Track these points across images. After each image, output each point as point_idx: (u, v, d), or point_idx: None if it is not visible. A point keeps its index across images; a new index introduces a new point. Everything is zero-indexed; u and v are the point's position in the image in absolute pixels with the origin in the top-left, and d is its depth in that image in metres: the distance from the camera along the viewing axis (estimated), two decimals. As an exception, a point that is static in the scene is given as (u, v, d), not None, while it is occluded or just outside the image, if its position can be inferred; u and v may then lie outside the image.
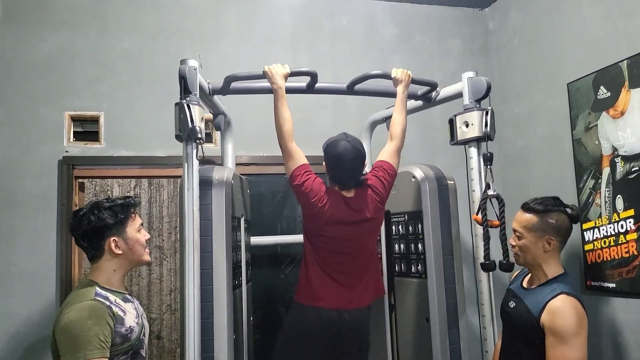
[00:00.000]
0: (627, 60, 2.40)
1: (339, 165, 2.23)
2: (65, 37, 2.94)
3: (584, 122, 2.65)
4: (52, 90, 2.89)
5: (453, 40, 3.51)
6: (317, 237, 2.23)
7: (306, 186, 2.16)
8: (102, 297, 1.66)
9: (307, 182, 2.17)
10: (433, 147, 3.31)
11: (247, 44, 3.19)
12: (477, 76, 2.34)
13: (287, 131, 2.18)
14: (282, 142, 2.19)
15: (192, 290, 1.92)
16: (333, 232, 2.19)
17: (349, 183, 2.24)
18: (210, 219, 2.16)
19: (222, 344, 2.10)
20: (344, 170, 2.23)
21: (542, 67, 3.00)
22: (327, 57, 3.31)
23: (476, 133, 2.26)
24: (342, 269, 2.23)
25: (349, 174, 2.24)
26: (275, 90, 2.21)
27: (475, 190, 2.29)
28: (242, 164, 3.05)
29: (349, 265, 2.24)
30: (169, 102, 2.11)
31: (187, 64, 2.01)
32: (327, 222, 2.18)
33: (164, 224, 5.16)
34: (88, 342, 1.54)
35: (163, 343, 5.08)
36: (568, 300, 1.81)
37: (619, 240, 2.42)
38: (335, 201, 2.19)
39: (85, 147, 2.91)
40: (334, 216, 2.17)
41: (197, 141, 1.96)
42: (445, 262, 2.46)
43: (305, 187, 2.16)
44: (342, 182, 2.24)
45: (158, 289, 5.11)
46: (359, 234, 2.23)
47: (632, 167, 2.37)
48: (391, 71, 2.39)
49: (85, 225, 1.71)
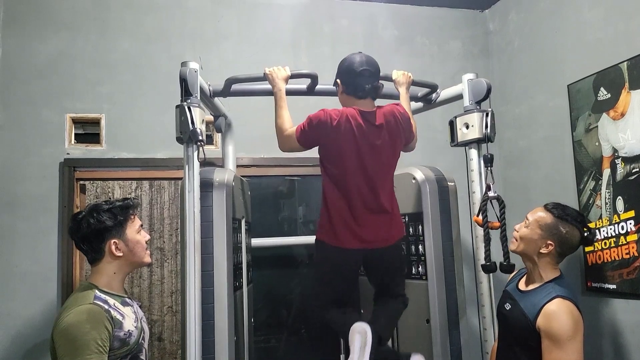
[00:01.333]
0: (627, 61, 2.41)
1: (353, 68, 2.10)
2: (66, 39, 2.95)
3: (584, 123, 2.65)
4: (54, 92, 2.89)
5: (453, 42, 3.52)
6: (335, 166, 2.08)
7: (311, 118, 2.07)
8: (101, 301, 1.66)
9: (311, 115, 2.07)
10: (433, 148, 3.31)
11: (248, 46, 3.20)
12: (477, 78, 2.35)
13: (287, 134, 2.16)
14: (282, 139, 2.15)
15: (193, 291, 1.92)
16: (351, 154, 2.05)
17: (364, 87, 2.08)
18: (211, 220, 2.16)
19: (223, 346, 2.10)
20: (359, 72, 2.08)
21: (542, 68, 3.00)
22: (327, 59, 3.31)
23: (476, 134, 2.27)
24: (361, 200, 2.07)
25: (364, 76, 2.08)
26: (276, 93, 2.21)
27: (475, 192, 2.29)
28: (243, 166, 3.05)
29: (370, 197, 2.08)
30: (169, 105, 2.12)
31: (187, 66, 2.02)
32: (344, 142, 2.03)
33: (165, 225, 5.16)
34: (86, 346, 1.54)
35: (164, 345, 5.08)
36: (564, 303, 1.81)
37: (619, 242, 2.42)
38: (351, 115, 2.05)
39: (86, 149, 2.91)
40: (349, 131, 2.02)
41: (198, 143, 1.96)
42: (445, 263, 2.46)
43: (310, 119, 2.06)
44: (358, 86, 2.09)
45: (159, 291, 5.11)
46: (379, 152, 2.09)
47: (632, 169, 2.37)
48: (392, 73, 2.39)
49: (84, 228, 1.71)
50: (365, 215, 2.08)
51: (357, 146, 2.05)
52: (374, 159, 2.08)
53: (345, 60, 2.17)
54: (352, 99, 2.12)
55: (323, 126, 2.04)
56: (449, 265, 2.47)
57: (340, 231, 2.07)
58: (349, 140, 2.04)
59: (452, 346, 2.40)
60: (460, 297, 2.47)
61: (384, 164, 2.13)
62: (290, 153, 2.25)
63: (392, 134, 2.13)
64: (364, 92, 2.10)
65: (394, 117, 2.14)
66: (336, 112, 2.06)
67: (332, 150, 2.08)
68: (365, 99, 2.12)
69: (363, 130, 2.05)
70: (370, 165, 2.08)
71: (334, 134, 2.04)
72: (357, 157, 2.06)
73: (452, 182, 2.59)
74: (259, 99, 2.71)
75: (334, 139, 2.05)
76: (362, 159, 2.06)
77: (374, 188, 2.09)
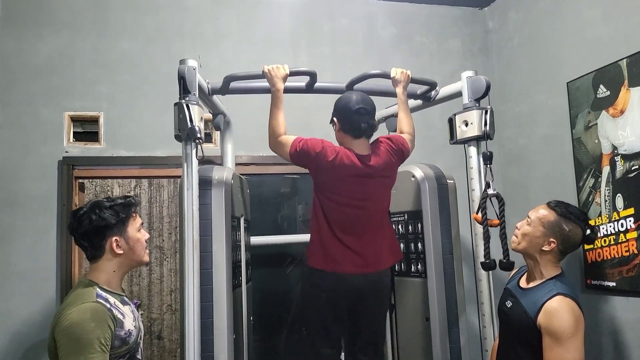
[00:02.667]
0: (626, 59, 2.40)
1: (350, 106, 2.16)
2: (65, 38, 2.95)
3: (583, 121, 2.65)
4: (52, 91, 2.89)
5: (453, 40, 3.51)
6: (328, 197, 2.16)
7: (309, 145, 2.12)
8: (103, 299, 1.65)
9: (310, 142, 2.13)
10: (433, 146, 3.31)
11: (247, 45, 3.19)
12: (477, 75, 2.34)
13: (279, 135, 2.18)
14: (274, 144, 2.19)
15: (192, 289, 1.92)
16: (344, 188, 2.13)
17: (360, 128, 2.15)
18: (210, 218, 2.16)
19: (222, 344, 2.10)
20: (355, 111, 2.14)
21: (541, 66, 3.00)
22: (327, 58, 3.31)
23: (475, 132, 2.27)
24: (355, 231, 2.16)
25: (359, 117, 2.14)
26: (274, 92, 2.21)
27: (475, 190, 2.29)
28: (242, 164, 3.05)
29: (362, 226, 2.18)
30: (168, 103, 2.11)
31: (186, 64, 2.01)
32: (338, 178, 2.12)
33: (164, 224, 5.16)
34: (90, 345, 1.53)
35: (164, 343, 5.08)
36: (564, 301, 1.81)
37: (619, 239, 2.42)
38: (346, 155, 2.13)
39: (85, 147, 2.91)
40: (345, 169, 2.11)
41: (197, 141, 1.96)
42: (445, 261, 2.46)
43: (308, 146, 2.12)
44: (354, 127, 2.15)
45: (158, 289, 5.11)
46: (372, 190, 2.17)
47: (632, 166, 2.37)
48: (390, 71, 2.39)
49: (86, 225, 1.70)
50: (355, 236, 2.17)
51: (349, 186, 2.14)
52: (367, 198, 2.18)
53: (341, 99, 2.24)
54: (349, 138, 2.20)
55: (317, 159, 2.12)
56: (448, 263, 2.46)
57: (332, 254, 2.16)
58: (342, 180, 2.13)
59: (452, 344, 2.40)
60: (459, 295, 2.47)
61: (378, 205, 2.23)
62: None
63: (385, 175, 2.22)
64: (360, 131, 2.17)
65: (388, 156, 2.22)
66: (332, 150, 2.13)
67: (325, 182, 2.17)
68: (360, 137, 2.19)
69: (357, 174, 2.13)
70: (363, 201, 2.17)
71: (329, 171, 2.13)
72: (350, 195, 2.15)
73: (452, 180, 2.59)
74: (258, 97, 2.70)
75: (327, 175, 2.14)
76: (354, 197, 2.16)
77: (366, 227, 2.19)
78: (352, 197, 2.15)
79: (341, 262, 2.15)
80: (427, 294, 2.45)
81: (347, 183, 2.13)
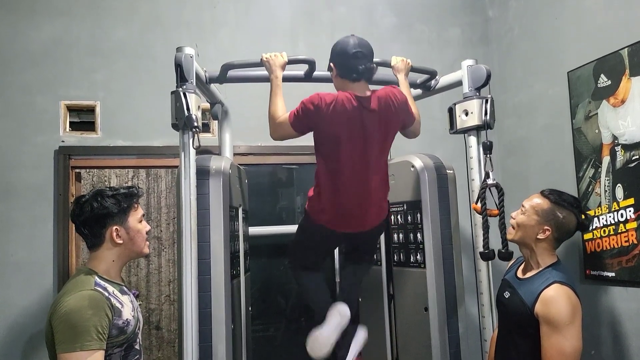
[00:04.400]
0: (627, 48, 2.38)
1: (347, 50, 2.07)
2: (60, 26, 2.91)
3: (584, 110, 2.63)
4: (48, 79, 2.86)
5: (452, 29, 3.48)
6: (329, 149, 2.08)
7: (305, 102, 2.04)
8: (101, 288, 1.64)
9: (304, 100, 2.05)
10: (432, 136, 3.29)
11: (245, 34, 3.16)
12: (477, 64, 2.32)
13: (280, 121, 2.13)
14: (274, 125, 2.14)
15: (189, 279, 1.91)
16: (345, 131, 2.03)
17: (358, 71, 2.06)
18: (208, 208, 2.15)
19: (220, 334, 2.10)
20: (352, 54, 2.06)
21: (542, 55, 2.98)
22: (326, 47, 3.20)
23: (476, 121, 2.26)
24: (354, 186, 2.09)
25: (357, 58, 2.06)
26: (273, 80, 2.19)
27: (474, 179, 2.28)
28: (240, 154, 3.03)
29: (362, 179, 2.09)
30: (165, 92, 2.09)
31: (183, 52, 1.99)
32: (339, 122, 2.02)
33: (162, 214, 5.15)
34: (86, 332, 1.52)
35: (162, 333, 5.08)
36: (561, 289, 1.82)
37: (618, 229, 2.41)
38: (346, 97, 2.03)
39: (81, 137, 2.89)
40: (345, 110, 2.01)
41: (194, 130, 1.94)
42: (444, 251, 2.45)
43: (304, 104, 2.04)
44: (352, 68, 2.06)
45: (157, 280, 5.11)
46: (373, 130, 2.07)
47: (632, 156, 2.35)
48: (391, 59, 2.37)
49: (87, 212, 1.69)
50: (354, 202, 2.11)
51: (351, 130, 2.04)
52: (368, 142, 2.08)
53: (338, 43, 2.14)
54: (346, 82, 2.10)
55: (317, 110, 2.02)
56: (447, 254, 2.46)
57: (327, 213, 2.13)
58: (344, 124, 2.03)
59: (451, 334, 2.40)
60: (458, 285, 2.47)
61: (378, 147, 2.12)
62: (288, 141, 2.23)
63: (387, 119, 2.11)
64: (358, 73, 2.07)
65: (389, 100, 2.11)
66: (330, 96, 2.03)
67: (327, 133, 2.07)
68: (359, 81, 2.09)
69: (358, 115, 2.03)
70: (364, 149, 2.07)
71: (329, 118, 2.02)
72: (351, 141, 2.05)
73: (451, 170, 2.57)
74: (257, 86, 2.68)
75: (328, 123, 2.03)
76: (356, 143, 2.06)
77: (366, 172, 2.10)
78: (351, 142, 2.05)
79: (335, 223, 2.14)
80: (426, 284, 2.44)
81: (348, 125, 2.03)
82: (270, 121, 2.15)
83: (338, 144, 2.05)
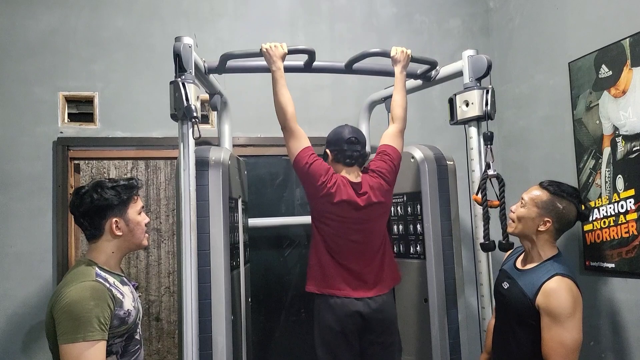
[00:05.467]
0: (629, 38, 2.36)
1: (341, 138, 2.25)
2: (58, 16, 2.89)
3: (584, 101, 2.62)
4: (46, 70, 2.84)
5: (453, 20, 3.46)
6: (325, 223, 2.19)
7: (313, 168, 2.13)
8: (102, 279, 1.64)
9: (314, 164, 2.14)
10: (432, 127, 3.29)
11: (244, 24, 3.14)
12: (478, 54, 2.31)
13: (291, 112, 2.15)
14: (287, 124, 2.16)
15: (189, 270, 1.90)
16: (341, 216, 2.16)
17: (352, 157, 2.23)
18: (207, 199, 2.14)
19: (220, 325, 2.10)
20: (346, 142, 2.23)
21: (543, 46, 2.96)
22: (325, 37, 3.26)
23: (476, 112, 2.24)
24: (354, 256, 2.19)
25: (351, 146, 2.24)
26: (274, 71, 2.18)
27: (475, 170, 2.27)
28: (239, 145, 3.02)
29: (361, 252, 2.20)
30: (164, 83, 2.07)
31: (181, 42, 1.98)
32: (334, 206, 2.14)
33: (162, 206, 5.14)
34: (89, 323, 1.52)
35: (162, 325, 5.09)
36: (563, 281, 1.81)
37: (618, 221, 2.41)
38: (342, 184, 2.16)
39: (80, 128, 2.87)
40: (342, 198, 2.14)
41: (193, 120, 1.92)
42: (444, 242, 2.45)
43: (312, 169, 2.13)
44: (346, 156, 2.23)
45: (156, 271, 5.11)
46: (368, 217, 2.20)
47: (633, 147, 2.34)
48: (390, 50, 2.36)
49: (87, 204, 1.68)
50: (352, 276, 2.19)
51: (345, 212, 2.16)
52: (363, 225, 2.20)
53: (333, 131, 2.32)
54: (340, 166, 2.25)
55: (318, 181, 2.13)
56: (447, 245, 2.46)
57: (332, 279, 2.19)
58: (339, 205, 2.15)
59: (450, 325, 2.41)
60: (458, 276, 2.47)
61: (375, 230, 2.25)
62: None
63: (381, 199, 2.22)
64: (352, 158, 2.24)
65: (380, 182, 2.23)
66: (330, 176, 2.16)
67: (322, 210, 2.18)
68: (352, 166, 2.25)
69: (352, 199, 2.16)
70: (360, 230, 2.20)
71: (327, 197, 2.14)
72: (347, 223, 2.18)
73: (451, 161, 2.57)
74: (256, 76, 2.67)
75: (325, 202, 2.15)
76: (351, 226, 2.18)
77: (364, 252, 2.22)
78: (348, 224, 2.18)
79: (340, 286, 2.17)
80: (425, 275, 2.44)
81: (343, 212, 2.16)
82: (280, 114, 2.17)
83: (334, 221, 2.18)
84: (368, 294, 2.18)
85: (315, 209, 2.22)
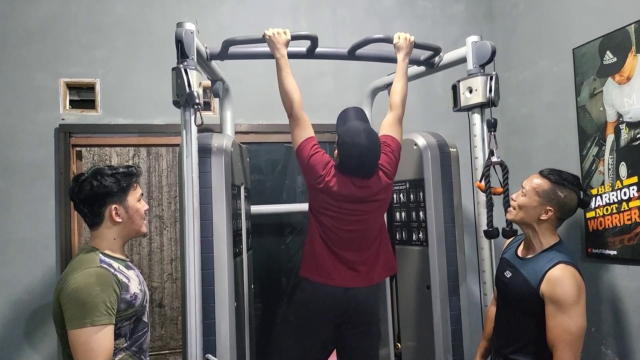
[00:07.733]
0: (634, 24, 2.34)
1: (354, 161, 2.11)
2: (58, 1, 2.86)
3: (589, 88, 2.60)
4: (47, 56, 2.83)
5: (456, 5, 3.43)
6: (322, 213, 2.17)
7: (314, 159, 2.11)
8: (107, 265, 1.66)
9: (316, 156, 2.12)
10: (435, 114, 3.27)
11: (246, 10, 3.11)
12: (482, 40, 2.29)
13: (298, 100, 2.13)
14: (293, 112, 2.14)
15: (192, 257, 1.91)
16: (339, 208, 2.14)
17: (359, 176, 2.14)
18: (210, 186, 2.14)
19: (223, 311, 2.11)
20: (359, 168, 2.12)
21: (547, 32, 2.93)
22: (327, 23, 3.23)
23: (480, 99, 2.22)
24: (349, 246, 2.19)
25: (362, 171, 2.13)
26: (279, 59, 2.16)
27: (478, 157, 2.26)
28: (241, 132, 3.01)
29: (356, 242, 2.20)
30: (166, 70, 2.06)
31: (183, 27, 1.96)
32: (333, 198, 2.13)
33: (164, 193, 5.15)
34: (96, 308, 1.54)
35: (165, 311, 5.13)
36: (567, 269, 1.81)
37: (621, 208, 2.40)
38: (342, 179, 2.14)
39: (82, 114, 2.86)
40: (341, 193, 2.12)
41: (195, 106, 1.91)
42: (446, 230, 2.45)
43: (313, 160, 2.11)
44: (353, 174, 2.14)
45: (159, 258, 5.13)
46: (366, 210, 2.18)
47: (636, 134, 2.33)
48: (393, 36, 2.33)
49: (87, 191, 1.69)
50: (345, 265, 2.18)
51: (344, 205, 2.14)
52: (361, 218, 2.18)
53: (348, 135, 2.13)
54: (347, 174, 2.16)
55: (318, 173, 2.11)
56: (449, 232, 2.46)
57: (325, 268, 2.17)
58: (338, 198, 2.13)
59: (452, 312, 2.42)
60: (460, 263, 2.47)
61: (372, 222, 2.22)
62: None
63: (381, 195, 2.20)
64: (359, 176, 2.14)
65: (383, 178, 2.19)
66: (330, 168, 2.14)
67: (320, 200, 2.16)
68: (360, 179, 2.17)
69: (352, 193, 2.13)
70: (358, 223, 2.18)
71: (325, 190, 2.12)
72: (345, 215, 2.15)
73: (454, 149, 2.56)
74: (258, 63, 2.65)
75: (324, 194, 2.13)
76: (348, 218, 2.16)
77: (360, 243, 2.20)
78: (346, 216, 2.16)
79: (329, 274, 2.16)
80: (428, 262, 2.45)
81: (342, 205, 2.14)
82: (285, 101, 2.15)
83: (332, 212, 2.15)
84: (358, 284, 2.18)
85: (314, 198, 2.20)
